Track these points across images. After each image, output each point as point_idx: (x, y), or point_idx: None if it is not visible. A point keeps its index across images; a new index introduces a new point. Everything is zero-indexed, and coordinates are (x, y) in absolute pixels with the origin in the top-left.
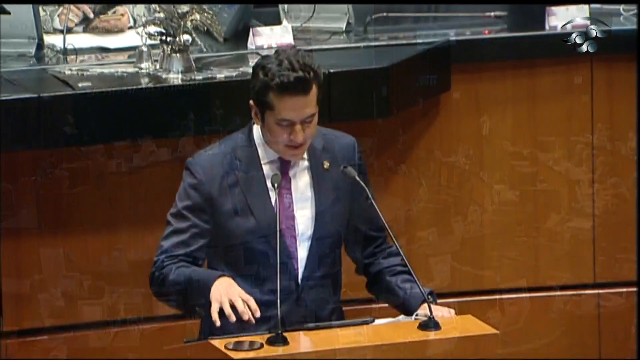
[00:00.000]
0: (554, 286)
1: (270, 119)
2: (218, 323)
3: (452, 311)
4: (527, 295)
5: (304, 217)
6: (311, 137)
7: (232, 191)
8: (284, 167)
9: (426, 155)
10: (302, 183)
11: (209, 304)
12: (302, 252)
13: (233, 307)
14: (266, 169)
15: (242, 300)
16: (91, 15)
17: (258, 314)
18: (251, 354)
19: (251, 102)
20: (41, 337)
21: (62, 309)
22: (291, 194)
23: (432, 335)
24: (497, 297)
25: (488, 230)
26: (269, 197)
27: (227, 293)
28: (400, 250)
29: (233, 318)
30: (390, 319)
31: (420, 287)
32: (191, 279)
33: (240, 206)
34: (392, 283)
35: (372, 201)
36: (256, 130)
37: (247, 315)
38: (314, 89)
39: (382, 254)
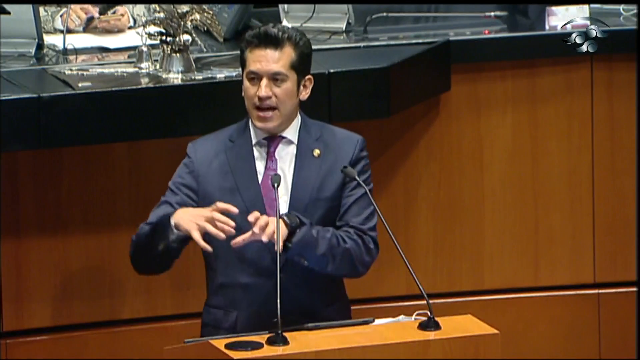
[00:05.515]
0: (554, 286)
1: (244, 77)
2: (209, 248)
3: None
4: (527, 295)
5: (283, 203)
6: (282, 103)
7: (221, 170)
8: (270, 147)
9: (426, 155)
10: (286, 168)
11: (178, 237)
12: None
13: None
14: (255, 150)
15: (214, 217)
16: (97, 16)
17: (231, 222)
18: (251, 354)
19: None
20: (41, 337)
21: (62, 309)
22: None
23: (432, 335)
24: (497, 297)
25: (488, 230)
26: (257, 178)
27: (198, 218)
28: (401, 251)
29: (222, 235)
30: (390, 319)
31: (421, 287)
32: (152, 223)
33: (228, 185)
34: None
35: (372, 200)
36: None
37: (227, 227)
38: (289, 50)
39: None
